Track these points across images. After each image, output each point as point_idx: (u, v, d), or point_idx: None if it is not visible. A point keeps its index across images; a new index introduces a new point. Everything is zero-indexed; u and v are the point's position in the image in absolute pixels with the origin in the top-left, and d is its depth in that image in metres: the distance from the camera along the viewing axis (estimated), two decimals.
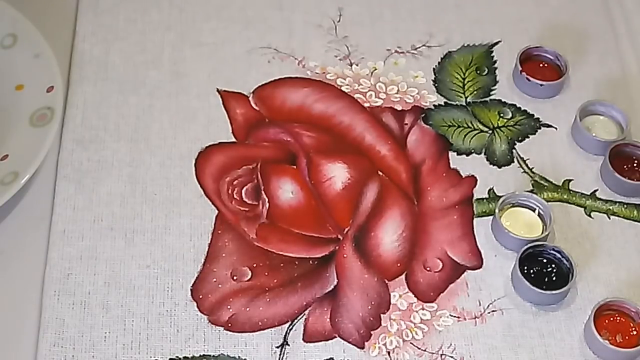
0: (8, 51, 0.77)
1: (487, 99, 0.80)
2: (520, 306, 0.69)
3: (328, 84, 0.80)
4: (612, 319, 0.68)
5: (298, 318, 0.68)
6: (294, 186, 0.74)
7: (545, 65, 0.81)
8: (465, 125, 0.78)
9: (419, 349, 0.67)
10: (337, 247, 0.71)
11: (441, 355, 0.67)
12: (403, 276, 0.70)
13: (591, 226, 0.74)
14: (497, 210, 0.72)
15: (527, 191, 0.74)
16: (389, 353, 0.67)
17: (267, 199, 0.73)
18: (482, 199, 0.74)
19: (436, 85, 0.81)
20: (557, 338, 0.68)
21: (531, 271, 0.70)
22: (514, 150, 0.77)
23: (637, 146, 0.76)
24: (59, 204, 0.72)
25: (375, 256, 0.71)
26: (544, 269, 0.70)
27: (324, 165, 0.75)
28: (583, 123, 0.78)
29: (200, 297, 0.68)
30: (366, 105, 0.79)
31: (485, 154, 0.77)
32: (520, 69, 0.80)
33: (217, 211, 0.72)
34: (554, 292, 0.68)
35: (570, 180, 0.76)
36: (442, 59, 0.82)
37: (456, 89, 0.81)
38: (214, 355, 0.66)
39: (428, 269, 0.71)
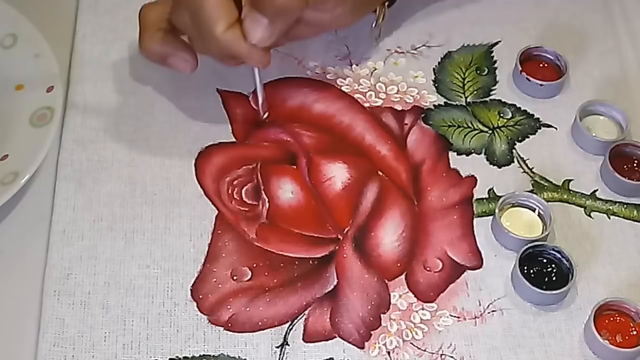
0: (8, 51, 0.77)
1: (487, 99, 0.80)
2: (520, 306, 0.69)
3: (328, 84, 0.80)
4: (612, 319, 0.68)
5: (298, 318, 0.68)
6: (294, 186, 0.74)
7: (545, 65, 0.81)
8: (465, 125, 0.78)
9: (419, 349, 0.67)
10: (337, 247, 0.71)
11: (441, 355, 0.67)
12: (403, 276, 0.70)
13: (591, 226, 0.74)
14: (497, 210, 0.72)
15: (527, 191, 0.74)
16: (389, 353, 0.67)
17: (267, 199, 0.73)
18: (482, 199, 0.74)
19: (436, 85, 0.81)
20: (557, 338, 0.68)
21: (531, 271, 0.70)
22: (514, 150, 0.77)
23: (637, 146, 0.76)
24: (59, 204, 0.72)
25: (375, 256, 0.71)
26: (544, 269, 0.70)
27: (324, 165, 0.75)
28: (583, 123, 0.78)
29: (200, 297, 0.68)
30: (366, 105, 0.79)
31: (485, 154, 0.77)
32: (520, 69, 0.80)
33: (217, 211, 0.72)
34: (554, 292, 0.68)
35: (570, 180, 0.76)
36: (442, 59, 0.82)
37: (456, 89, 0.81)
38: (214, 355, 0.66)
39: (428, 269, 0.71)
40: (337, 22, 0.74)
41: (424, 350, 0.67)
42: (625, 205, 0.75)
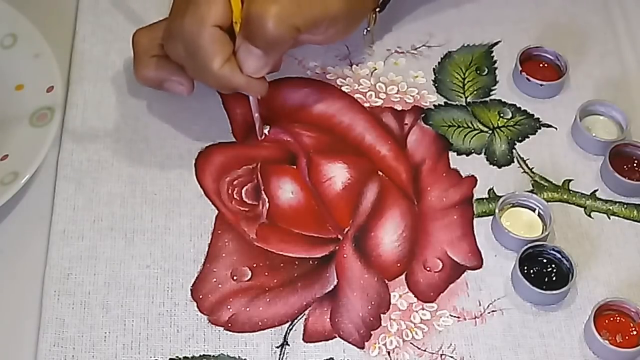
0: (8, 51, 0.77)
1: (487, 99, 0.80)
2: (520, 306, 0.69)
3: (328, 84, 0.80)
4: (612, 319, 0.68)
5: (298, 318, 0.68)
6: (294, 186, 0.74)
7: (545, 65, 0.81)
8: (465, 125, 0.78)
9: (419, 349, 0.67)
10: (337, 247, 0.71)
11: (441, 355, 0.67)
12: (403, 276, 0.70)
13: (591, 226, 0.74)
14: (497, 210, 0.72)
15: (527, 191, 0.74)
16: (389, 353, 0.67)
17: (267, 199, 0.73)
18: (482, 199, 0.74)
19: (436, 85, 0.81)
20: (557, 338, 0.68)
21: (531, 271, 0.70)
22: (514, 150, 0.77)
23: (637, 146, 0.76)
24: (59, 204, 0.72)
25: (375, 256, 0.71)
26: (544, 269, 0.70)
27: (324, 165, 0.75)
28: (583, 123, 0.78)
29: (200, 297, 0.68)
30: (366, 105, 0.79)
31: (485, 154, 0.77)
32: (520, 69, 0.80)
33: (217, 211, 0.72)
34: (554, 292, 0.68)
35: (570, 180, 0.76)
36: (442, 59, 0.82)
37: (456, 89, 0.81)
38: (214, 355, 0.66)
39: (428, 269, 0.71)
40: (331, 40, 0.74)
41: (424, 350, 0.67)
42: (625, 205, 0.75)
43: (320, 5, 0.70)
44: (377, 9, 0.79)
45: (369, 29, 0.80)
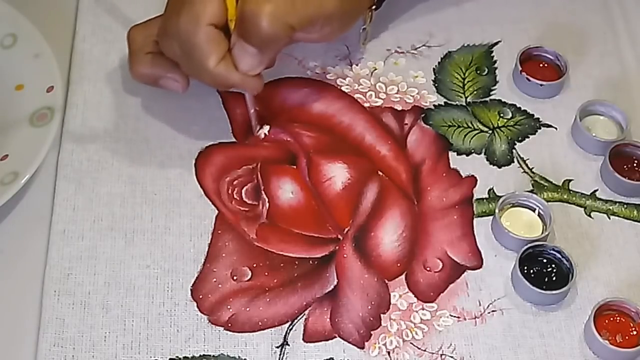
0: (8, 51, 0.77)
1: (487, 99, 0.80)
2: (520, 306, 0.69)
3: (328, 84, 0.80)
4: (612, 319, 0.68)
5: (298, 318, 0.68)
6: (294, 186, 0.74)
7: (545, 65, 0.81)
8: (465, 125, 0.78)
9: (419, 349, 0.67)
10: (337, 247, 0.71)
11: (441, 355, 0.67)
12: (403, 276, 0.70)
13: (591, 226, 0.74)
14: (497, 210, 0.72)
15: (527, 191, 0.74)
16: (389, 353, 0.67)
17: (267, 199, 0.73)
18: (482, 199, 0.74)
19: (436, 85, 0.81)
20: (557, 338, 0.68)
21: (531, 271, 0.70)
22: (514, 150, 0.77)
23: (637, 146, 0.76)
24: (59, 204, 0.72)
25: (375, 256, 0.71)
26: (544, 269, 0.70)
27: (324, 165, 0.75)
28: (583, 123, 0.78)
29: (200, 297, 0.68)
30: (366, 105, 0.79)
31: (485, 154, 0.77)
32: (520, 69, 0.80)
33: (217, 211, 0.72)
34: (554, 292, 0.68)
35: (570, 180, 0.76)
36: (442, 59, 0.82)
37: (456, 89, 0.81)
38: (214, 355, 0.66)
39: (428, 269, 0.71)
40: (327, 38, 0.74)
41: (424, 350, 0.67)
42: (625, 205, 0.75)
43: (315, 4, 0.70)
44: (373, 7, 0.79)
45: (365, 27, 0.80)
